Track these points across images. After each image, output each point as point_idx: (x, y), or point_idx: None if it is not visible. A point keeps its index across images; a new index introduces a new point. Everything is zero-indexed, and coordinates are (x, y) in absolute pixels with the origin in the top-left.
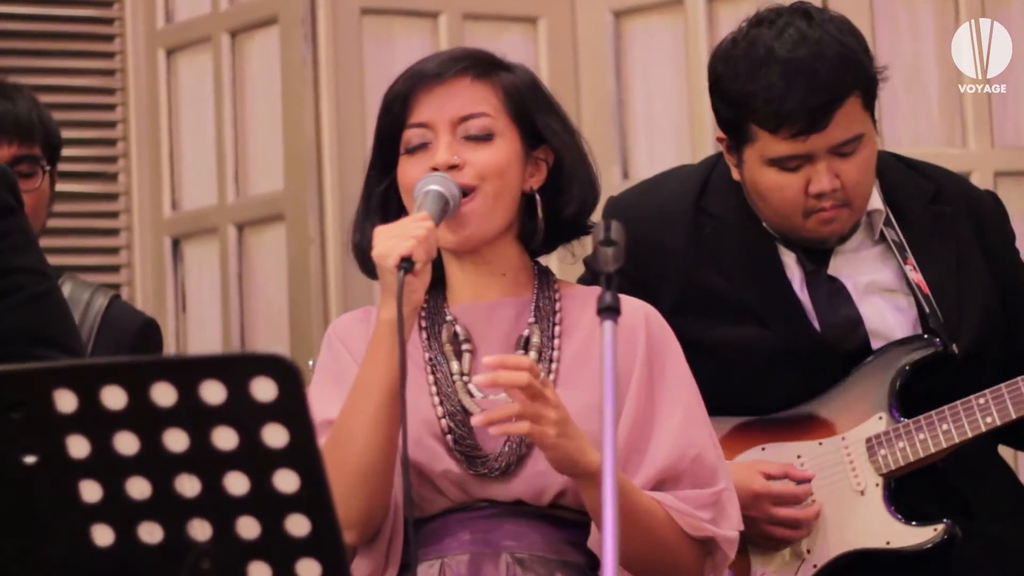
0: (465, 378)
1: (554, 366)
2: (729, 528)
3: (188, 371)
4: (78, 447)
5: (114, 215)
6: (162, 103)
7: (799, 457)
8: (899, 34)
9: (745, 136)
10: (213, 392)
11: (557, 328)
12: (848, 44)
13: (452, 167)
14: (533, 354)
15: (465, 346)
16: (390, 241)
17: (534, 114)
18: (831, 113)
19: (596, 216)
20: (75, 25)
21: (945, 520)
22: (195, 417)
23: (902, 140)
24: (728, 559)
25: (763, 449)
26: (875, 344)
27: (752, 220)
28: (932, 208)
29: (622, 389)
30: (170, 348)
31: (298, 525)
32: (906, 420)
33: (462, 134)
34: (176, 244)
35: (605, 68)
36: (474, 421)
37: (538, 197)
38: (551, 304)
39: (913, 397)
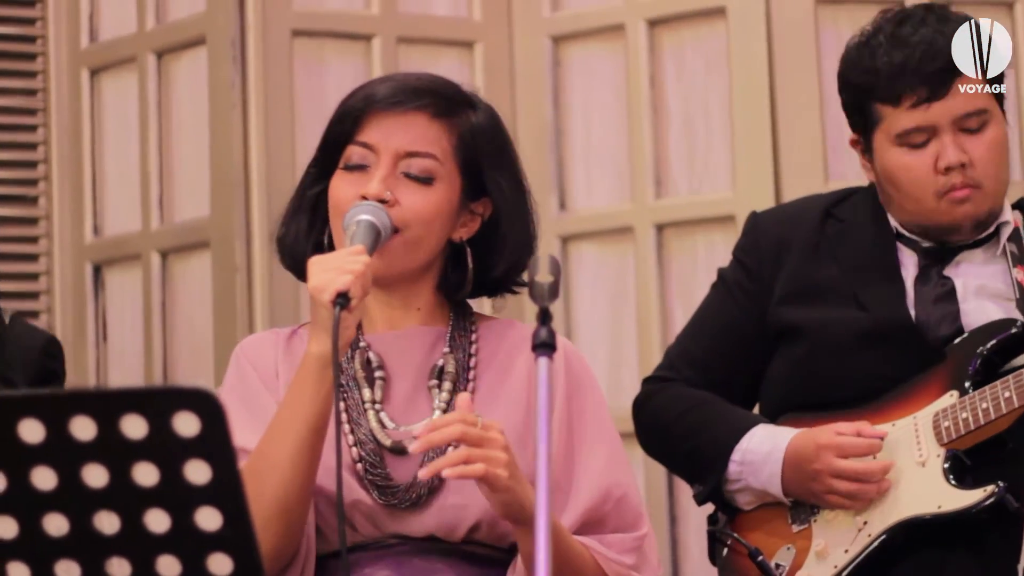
0: (377, 406)
1: None
2: (650, 574)
3: (108, 404)
4: None
5: (34, 240)
6: (85, 125)
7: None
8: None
9: (872, 120)
10: (134, 426)
11: (473, 359)
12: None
13: (382, 201)
14: (447, 384)
15: (378, 373)
16: (326, 275)
17: (483, 166)
18: (951, 81)
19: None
20: None
21: (997, 483)
22: (115, 452)
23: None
24: None
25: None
26: None
27: (879, 221)
28: None
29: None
30: (90, 379)
31: (220, 564)
32: (973, 393)
33: (403, 169)
34: (97, 271)
35: (543, 95)
36: (422, 474)
37: (468, 249)
38: (467, 335)
39: (997, 379)
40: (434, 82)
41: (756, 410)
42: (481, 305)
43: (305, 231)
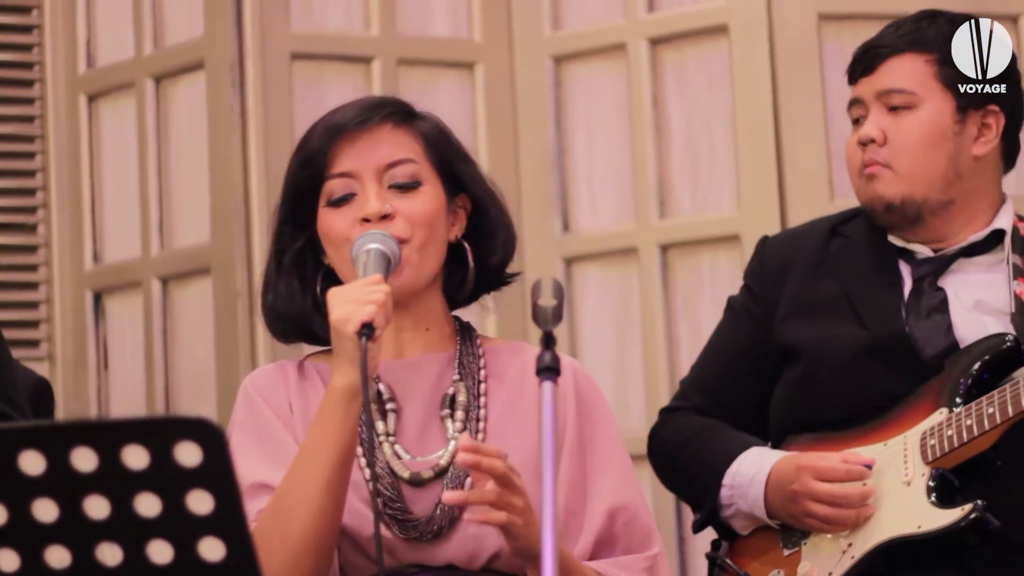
0: (391, 439)
1: (481, 424)
2: None
3: (109, 435)
4: None
5: (33, 268)
6: (83, 151)
7: None
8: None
9: None
10: (136, 457)
11: (483, 386)
12: (945, 31)
13: (384, 216)
14: (459, 413)
15: (390, 405)
16: (348, 306)
17: (453, 161)
18: (884, 56)
19: (516, 265)
20: None
21: (976, 501)
22: (117, 483)
23: None
24: None
25: None
26: None
27: (879, 236)
28: None
29: (555, 450)
30: (91, 408)
31: None
32: (960, 409)
33: (388, 182)
34: (98, 298)
35: (545, 115)
36: (447, 498)
37: (467, 245)
38: (475, 360)
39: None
40: (383, 98)
41: None
42: (484, 327)
43: (299, 289)
